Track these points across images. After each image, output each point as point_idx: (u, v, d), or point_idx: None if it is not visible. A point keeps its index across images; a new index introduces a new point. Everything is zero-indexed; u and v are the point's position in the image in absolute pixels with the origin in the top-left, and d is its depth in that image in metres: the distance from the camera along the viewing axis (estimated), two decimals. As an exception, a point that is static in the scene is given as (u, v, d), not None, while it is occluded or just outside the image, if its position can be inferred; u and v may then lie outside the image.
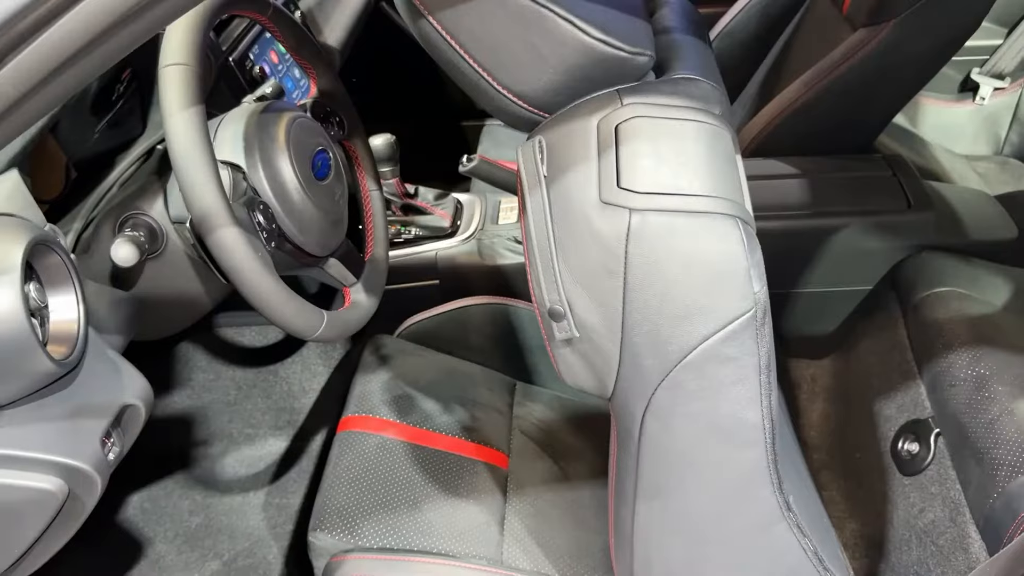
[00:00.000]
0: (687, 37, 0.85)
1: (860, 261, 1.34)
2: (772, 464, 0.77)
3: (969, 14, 1.34)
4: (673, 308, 0.70)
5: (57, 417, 0.72)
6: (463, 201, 1.48)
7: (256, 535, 1.36)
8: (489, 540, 1.07)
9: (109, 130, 1.00)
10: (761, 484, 0.78)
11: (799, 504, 0.83)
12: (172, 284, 0.94)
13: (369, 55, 1.67)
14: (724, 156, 0.73)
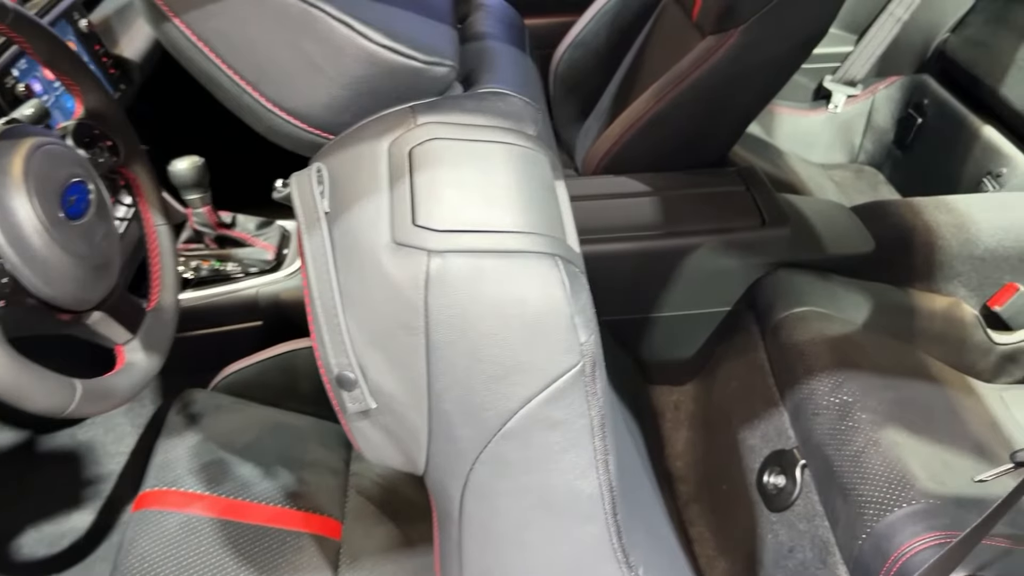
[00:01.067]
0: (502, 45, 0.73)
1: (717, 281, 1.26)
2: (615, 537, 0.66)
3: (816, 20, 1.29)
4: (487, 368, 0.58)
5: None
6: (291, 230, 1.32)
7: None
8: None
9: None
10: (605, 562, 0.67)
11: (654, 571, 0.72)
12: None
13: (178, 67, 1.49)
14: (540, 184, 0.62)
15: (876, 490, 0.94)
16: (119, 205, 1.13)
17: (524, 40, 0.78)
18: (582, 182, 1.34)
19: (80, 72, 0.87)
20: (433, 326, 0.56)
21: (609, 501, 0.64)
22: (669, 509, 1.18)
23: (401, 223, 0.56)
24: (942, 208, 1.36)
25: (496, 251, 0.57)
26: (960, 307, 1.32)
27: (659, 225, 1.23)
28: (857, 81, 1.90)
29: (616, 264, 1.22)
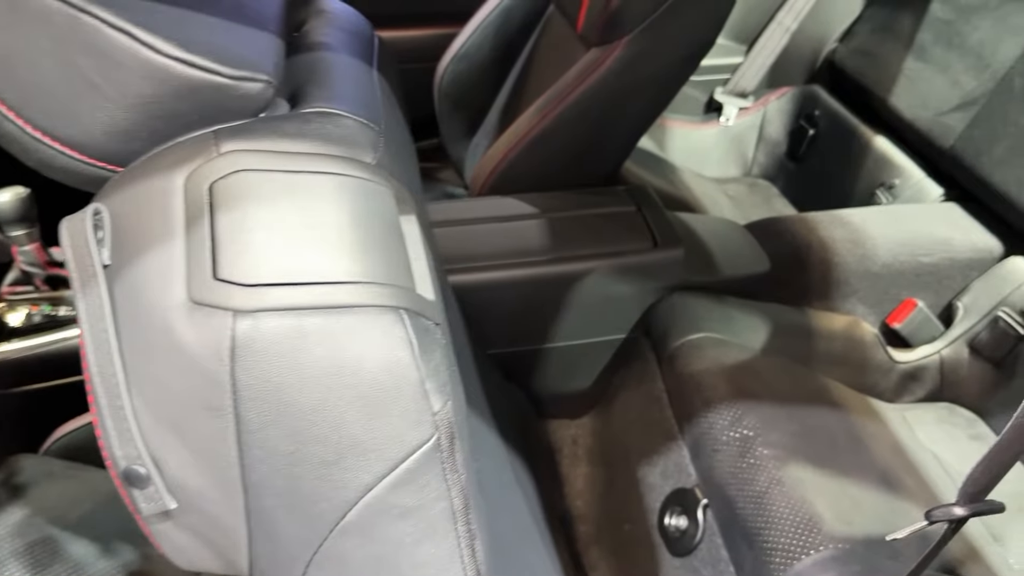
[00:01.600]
0: (341, 57, 0.63)
1: (610, 308, 1.19)
2: None
3: (701, 31, 1.23)
4: (316, 452, 0.47)
5: None
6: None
7: None
8: None
9: None
10: None
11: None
12: None
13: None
14: (379, 221, 0.51)
15: (782, 535, 0.87)
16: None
17: (372, 52, 0.68)
18: (465, 204, 1.24)
19: None
20: (244, 405, 0.45)
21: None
22: (566, 556, 1.09)
23: (199, 277, 0.45)
24: (837, 223, 1.32)
25: (321, 307, 0.46)
26: (859, 326, 1.28)
27: (547, 250, 1.15)
28: (748, 93, 1.87)
29: (503, 293, 1.13)
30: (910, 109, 1.54)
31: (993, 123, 1.36)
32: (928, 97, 1.51)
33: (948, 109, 1.46)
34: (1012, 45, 1.38)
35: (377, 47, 0.70)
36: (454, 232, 1.16)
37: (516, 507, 0.93)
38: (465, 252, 1.13)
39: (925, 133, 1.49)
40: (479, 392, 0.94)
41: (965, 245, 1.30)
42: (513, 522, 0.88)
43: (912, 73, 1.56)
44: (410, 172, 0.66)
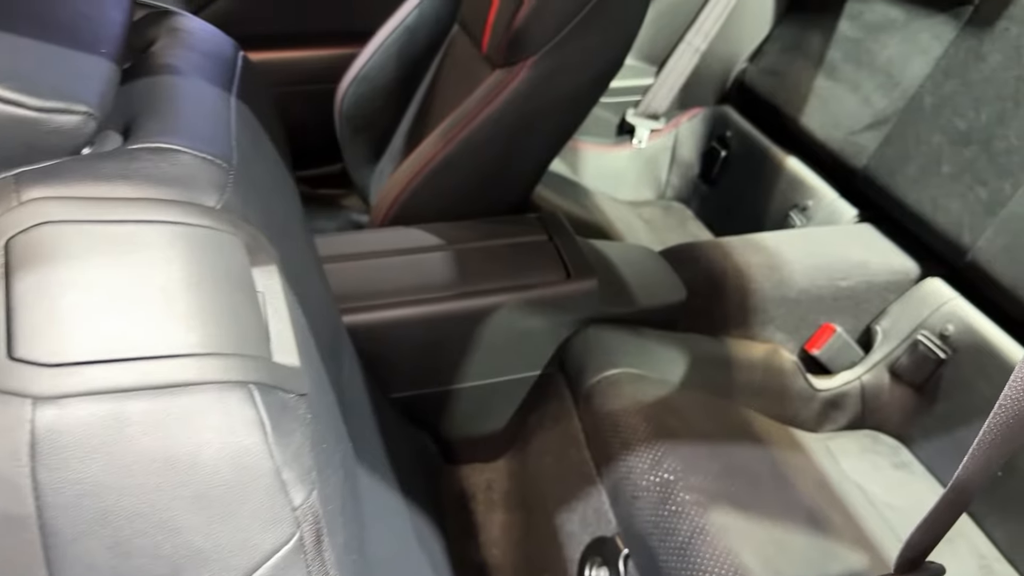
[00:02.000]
0: (189, 81, 0.54)
1: (523, 344, 1.12)
2: None
3: (608, 53, 1.18)
4: (145, 565, 0.38)
5: None
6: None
7: None
8: None
9: None
10: None
11: None
12: None
13: None
14: (224, 278, 0.43)
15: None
16: None
17: (232, 75, 0.59)
18: (364, 236, 1.16)
19: None
20: (50, 512, 0.36)
21: None
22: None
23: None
24: (752, 248, 1.28)
25: (147, 387, 0.37)
26: (778, 354, 1.24)
27: (454, 284, 1.07)
28: (660, 114, 1.83)
29: (405, 332, 1.05)
30: (822, 129, 1.52)
31: (905, 142, 1.35)
32: (839, 116, 1.49)
33: (860, 128, 1.44)
34: (921, 63, 1.37)
35: (241, 69, 0.61)
36: (351, 268, 1.08)
37: (418, 570, 0.84)
38: (363, 289, 1.04)
39: (837, 153, 1.48)
40: (378, 445, 0.85)
41: (882, 267, 1.28)
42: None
43: (823, 92, 1.55)
44: (280, 212, 0.58)
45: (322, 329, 0.68)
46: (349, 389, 0.80)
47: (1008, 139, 1.18)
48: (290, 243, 0.58)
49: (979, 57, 1.27)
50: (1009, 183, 1.16)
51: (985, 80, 1.25)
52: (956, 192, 1.23)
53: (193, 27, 0.62)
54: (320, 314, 0.67)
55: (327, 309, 0.76)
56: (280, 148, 0.65)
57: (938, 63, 1.35)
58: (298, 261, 0.59)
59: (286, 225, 0.58)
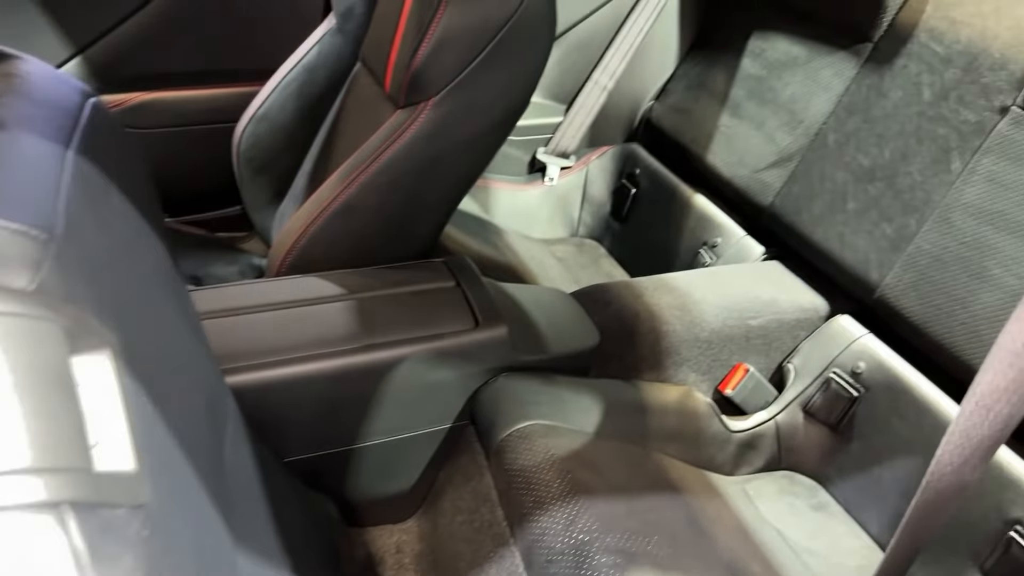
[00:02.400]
0: (11, 136, 0.47)
1: (430, 397, 1.06)
2: None
3: (511, 94, 1.15)
4: None
5: None
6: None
7: None
8: None
9: None
10: None
11: None
12: None
13: None
14: (32, 375, 0.36)
15: (626, 661, 0.76)
16: None
17: (74, 126, 0.52)
18: (252, 288, 1.08)
19: None
20: None
21: None
22: None
23: None
24: (664, 289, 1.26)
25: None
26: (693, 396, 1.22)
27: (356, 336, 1.01)
28: (570, 152, 1.82)
29: (303, 390, 0.98)
30: (728, 167, 1.53)
31: (810, 179, 1.35)
32: (744, 154, 1.50)
33: (765, 166, 1.45)
34: (823, 100, 1.38)
35: (88, 118, 0.54)
36: (239, 323, 1.00)
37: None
38: (251, 346, 0.97)
39: (744, 191, 1.48)
40: (266, 517, 0.78)
41: (791, 305, 1.28)
42: None
43: (727, 130, 1.55)
44: (125, 279, 0.51)
45: (193, 401, 0.61)
46: (232, 458, 0.72)
47: (911, 175, 1.19)
48: (140, 314, 0.51)
49: (880, 94, 1.29)
50: (914, 219, 1.17)
51: (887, 116, 1.26)
52: (862, 229, 1.24)
53: (31, 72, 0.55)
54: (189, 386, 0.61)
55: (203, 374, 0.69)
56: (139, 201, 0.59)
57: (840, 100, 1.36)
58: (151, 332, 0.52)
59: (136, 291, 0.52)
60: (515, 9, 1.07)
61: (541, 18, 1.13)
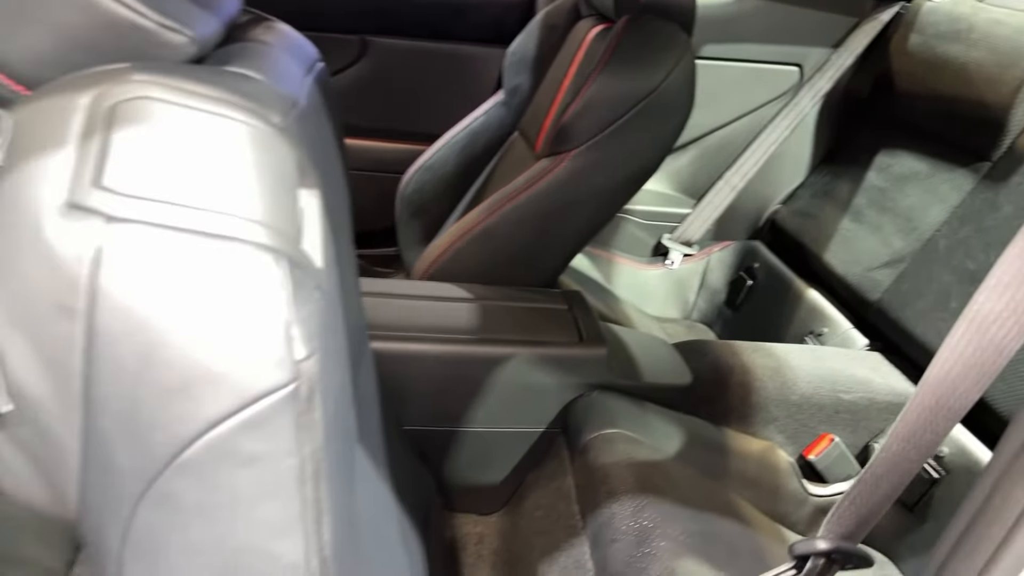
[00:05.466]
0: (271, 50, 0.67)
1: (529, 398, 1.19)
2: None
3: (643, 157, 1.31)
4: (163, 374, 0.46)
5: None
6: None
7: None
8: None
9: None
10: None
11: None
12: None
13: None
14: (273, 172, 0.53)
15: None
16: None
17: (311, 66, 0.72)
18: (400, 283, 1.27)
19: None
20: (98, 311, 0.44)
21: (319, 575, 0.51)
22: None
23: (80, 182, 0.46)
24: (761, 352, 1.35)
25: (197, 231, 0.47)
26: (775, 452, 1.28)
27: (473, 331, 1.16)
28: (693, 242, 1.95)
29: (424, 366, 1.13)
30: (842, 265, 1.61)
31: (918, 279, 1.43)
32: (860, 254, 1.59)
33: (877, 265, 1.53)
34: (939, 210, 1.47)
35: (317, 67, 0.74)
36: (383, 303, 1.18)
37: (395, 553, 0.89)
38: (391, 322, 1.14)
39: (855, 287, 1.56)
40: (385, 470, 0.92)
41: (884, 388, 1.33)
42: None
43: (847, 233, 1.65)
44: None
45: (349, 308, 0.77)
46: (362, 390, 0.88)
47: (1011, 278, 1.25)
48: (337, 214, 0.68)
49: (994, 207, 1.37)
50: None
51: (997, 227, 1.34)
52: (960, 324, 1.29)
53: (279, 26, 0.75)
54: (348, 299, 0.77)
55: (354, 305, 0.85)
56: (338, 150, 0.77)
57: (955, 211, 1.45)
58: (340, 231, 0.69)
59: (337, 200, 0.69)
60: (656, 86, 1.24)
61: (679, 97, 1.30)
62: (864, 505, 0.56)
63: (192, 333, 0.46)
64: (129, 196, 0.46)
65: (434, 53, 1.88)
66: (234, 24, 0.70)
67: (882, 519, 1.27)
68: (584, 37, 1.49)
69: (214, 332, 0.46)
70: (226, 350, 0.47)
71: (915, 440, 0.53)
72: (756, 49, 1.83)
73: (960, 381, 0.51)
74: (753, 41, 1.83)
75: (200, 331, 0.46)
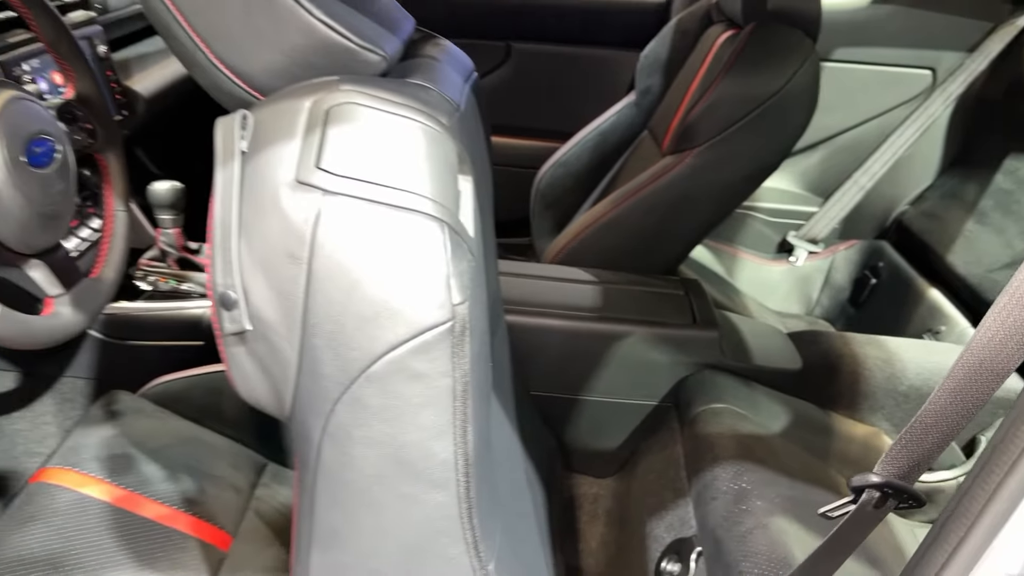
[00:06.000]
0: (438, 64, 0.83)
1: (645, 373, 1.31)
2: (466, 513, 0.67)
3: (764, 156, 1.40)
4: (360, 307, 0.62)
5: None
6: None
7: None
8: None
9: None
10: (452, 539, 0.68)
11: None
12: None
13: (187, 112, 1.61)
14: (440, 161, 0.68)
15: (756, 567, 0.94)
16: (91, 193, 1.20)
17: (468, 76, 0.88)
18: (533, 265, 1.42)
19: (76, 58, 0.98)
20: (316, 258, 0.61)
21: (463, 472, 0.66)
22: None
23: (305, 164, 0.63)
24: (872, 343, 1.41)
25: (386, 203, 0.63)
26: (880, 437, 1.35)
27: (595, 309, 1.29)
28: (819, 240, 2.00)
29: (551, 339, 1.27)
30: (964, 265, 1.64)
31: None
32: (982, 255, 1.61)
33: (998, 267, 1.55)
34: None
35: (472, 77, 0.90)
36: (517, 282, 1.33)
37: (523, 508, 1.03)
38: (524, 299, 1.29)
39: (975, 287, 1.59)
40: (514, 424, 1.07)
41: (996, 384, 1.37)
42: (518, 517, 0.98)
43: (970, 234, 1.67)
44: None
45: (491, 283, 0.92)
46: (497, 354, 1.03)
47: None
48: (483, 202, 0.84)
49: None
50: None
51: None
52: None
53: (443, 42, 0.92)
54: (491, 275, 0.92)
55: (493, 279, 1.00)
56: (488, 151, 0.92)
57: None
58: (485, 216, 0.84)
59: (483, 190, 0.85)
60: (777, 90, 1.33)
61: (800, 101, 1.38)
62: (915, 451, 0.65)
63: (380, 278, 0.62)
64: (339, 176, 0.62)
65: (572, 57, 2.03)
66: (410, 40, 0.87)
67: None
68: (714, 42, 1.59)
69: (396, 278, 0.62)
70: (403, 292, 0.63)
71: (960, 396, 0.62)
72: (889, 53, 1.87)
73: (1001, 347, 0.60)
74: (886, 45, 1.86)
75: (386, 277, 0.62)
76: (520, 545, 0.89)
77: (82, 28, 1.28)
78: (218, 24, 0.68)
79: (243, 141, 0.66)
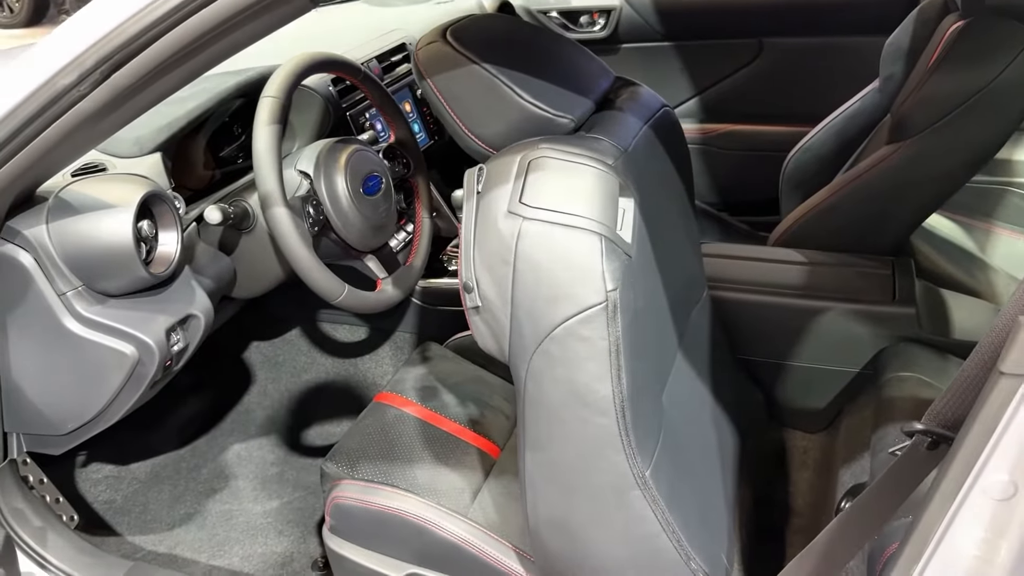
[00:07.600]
0: (621, 114, 1.13)
1: (845, 344, 1.49)
2: (624, 433, 0.98)
3: (984, 142, 1.48)
4: (546, 292, 0.95)
5: (144, 309, 1.11)
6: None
7: (313, 487, 1.69)
8: (460, 500, 1.32)
9: (239, 151, 1.43)
10: (614, 449, 0.99)
11: (665, 485, 1.03)
12: (257, 254, 1.32)
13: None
14: (604, 194, 0.99)
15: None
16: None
17: (649, 116, 1.17)
18: (749, 248, 1.65)
19: (397, 115, 1.42)
20: (519, 261, 0.96)
21: (619, 404, 0.97)
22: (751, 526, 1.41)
23: (513, 200, 0.98)
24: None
25: (563, 224, 0.96)
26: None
27: (800, 287, 1.51)
28: (1089, 214, 1.95)
29: (759, 312, 1.52)
30: None
31: None
32: None
33: None
34: None
35: (658, 115, 1.18)
36: (731, 263, 1.58)
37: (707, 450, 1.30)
38: (736, 277, 1.54)
39: None
40: (706, 378, 1.33)
41: None
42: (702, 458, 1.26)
43: None
44: (658, 194, 1.14)
45: (674, 269, 1.21)
46: (695, 325, 1.31)
47: None
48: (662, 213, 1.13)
49: None
50: None
51: None
52: None
53: (637, 90, 1.21)
54: (673, 263, 1.20)
55: (687, 269, 1.28)
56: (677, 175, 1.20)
57: None
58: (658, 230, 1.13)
59: (663, 204, 1.14)
60: (989, 81, 1.42)
61: (1016, 91, 1.45)
62: (958, 406, 0.82)
63: (559, 274, 0.95)
64: (533, 207, 0.96)
65: (820, 47, 2.16)
66: (610, 89, 1.18)
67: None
68: (946, 31, 1.67)
69: (569, 272, 0.95)
70: (574, 283, 0.95)
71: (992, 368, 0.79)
72: None
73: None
74: None
75: (563, 273, 0.95)
76: (689, 465, 1.18)
77: (406, 78, 1.75)
78: (468, 107, 1.05)
79: (479, 184, 1.03)
